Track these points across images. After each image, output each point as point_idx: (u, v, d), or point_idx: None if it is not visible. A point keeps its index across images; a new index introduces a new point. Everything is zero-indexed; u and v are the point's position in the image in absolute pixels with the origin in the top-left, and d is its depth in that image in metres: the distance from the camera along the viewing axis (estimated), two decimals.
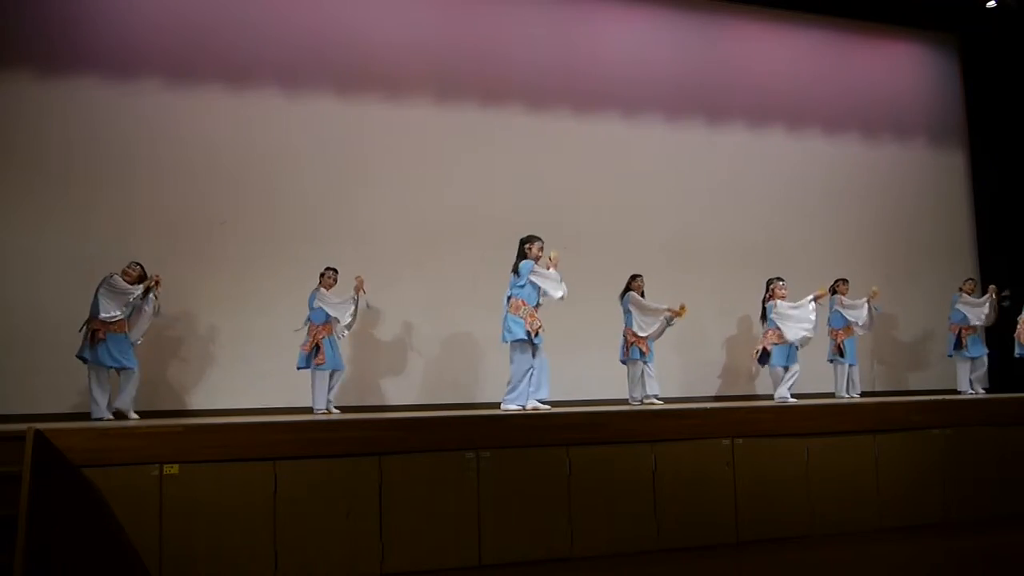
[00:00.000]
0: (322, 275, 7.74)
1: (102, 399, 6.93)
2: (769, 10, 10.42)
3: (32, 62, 7.84)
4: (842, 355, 8.86)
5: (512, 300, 6.86)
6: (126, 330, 7.07)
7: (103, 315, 6.89)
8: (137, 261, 7.21)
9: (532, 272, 6.82)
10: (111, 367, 6.97)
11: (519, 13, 9.46)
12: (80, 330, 6.96)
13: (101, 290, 6.95)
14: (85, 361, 6.95)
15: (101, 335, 6.89)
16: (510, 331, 6.80)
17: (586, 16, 9.70)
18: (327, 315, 7.65)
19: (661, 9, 10.09)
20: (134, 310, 7.12)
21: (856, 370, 8.95)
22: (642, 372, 8.17)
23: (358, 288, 7.76)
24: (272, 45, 8.54)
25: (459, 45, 9.16)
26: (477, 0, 9.38)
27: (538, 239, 6.98)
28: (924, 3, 10.64)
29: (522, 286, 6.84)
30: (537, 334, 6.79)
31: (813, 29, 10.71)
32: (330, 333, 7.67)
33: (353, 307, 7.77)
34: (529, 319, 6.76)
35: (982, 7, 10.39)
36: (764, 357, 8.24)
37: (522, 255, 6.94)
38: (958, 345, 9.35)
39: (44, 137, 7.80)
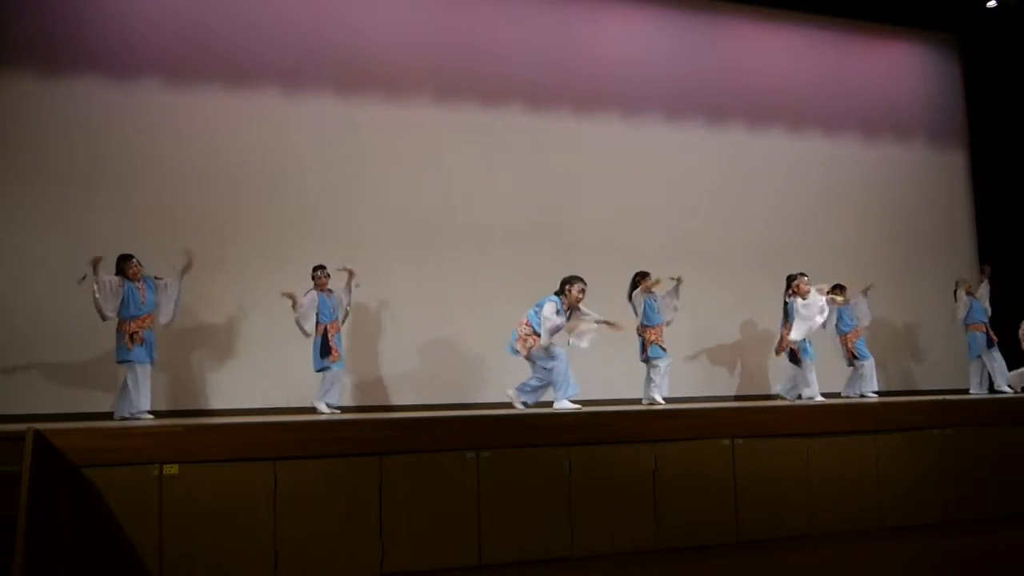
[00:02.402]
0: (314, 277, 7.71)
1: (137, 396, 6.92)
2: (769, 10, 10.43)
3: (32, 62, 7.85)
4: (856, 358, 8.83)
5: (524, 317, 6.95)
6: (152, 323, 7.07)
7: (106, 313, 6.89)
8: (130, 254, 7.09)
9: (543, 308, 6.83)
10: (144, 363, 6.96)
11: (519, 13, 9.46)
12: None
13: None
14: (128, 362, 6.94)
15: (139, 336, 6.89)
16: (508, 342, 6.98)
17: (586, 16, 9.70)
18: (333, 312, 7.66)
19: (661, 9, 10.10)
20: (154, 295, 7.07)
21: (871, 365, 8.85)
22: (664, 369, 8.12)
23: (350, 276, 7.81)
24: (272, 45, 8.54)
25: (459, 45, 9.16)
26: (477, 0, 9.38)
27: (579, 281, 6.95)
28: (924, 3, 10.65)
29: (535, 311, 6.93)
30: (529, 354, 6.86)
31: (813, 29, 10.71)
32: (338, 330, 7.68)
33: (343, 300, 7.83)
34: (523, 340, 6.85)
35: (982, 7, 10.41)
36: (792, 356, 8.11)
37: (561, 292, 6.96)
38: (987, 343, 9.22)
39: (44, 137, 7.80)
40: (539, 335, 6.82)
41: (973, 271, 10.58)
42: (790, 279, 8.16)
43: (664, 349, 8.05)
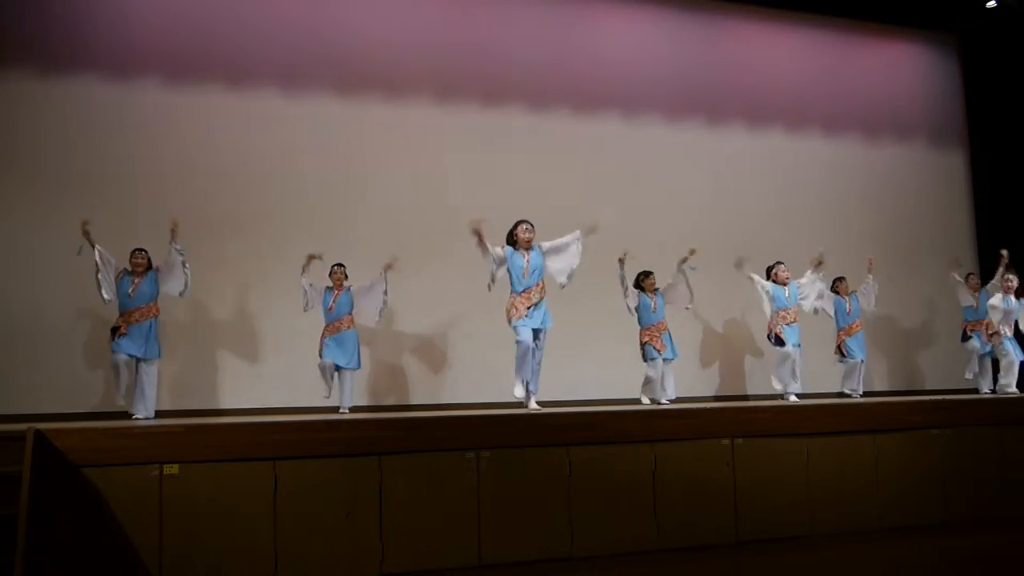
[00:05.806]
0: (331, 273, 7.72)
1: (116, 387, 6.87)
2: (769, 10, 10.42)
3: (32, 62, 7.84)
4: (842, 354, 8.86)
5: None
6: (151, 317, 6.96)
7: (105, 297, 6.86)
8: (140, 248, 7.08)
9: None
10: (130, 356, 6.84)
11: (519, 13, 9.46)
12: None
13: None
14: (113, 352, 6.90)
15: (124, 330, 6.85)
16: None
17: (586, 16, 9.70)
18: (332, 312, 7.64)
19: (661, 9, 10.09)
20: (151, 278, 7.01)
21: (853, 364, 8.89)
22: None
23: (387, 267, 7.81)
24: (272, 45, 8.53)
25: (459, 45, 9.16)
26: (477, 0, 9.38)
27: (520, 223, 7.21)
28: (924, 3, 10.64)
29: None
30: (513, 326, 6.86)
31: (813, 29, 10.71)
32: (335, 332, 7.62)
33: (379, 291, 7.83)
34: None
35: (982, 7, 10.39)
36: (778, 341, 8.18)
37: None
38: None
39: (44, 137, 7.79)
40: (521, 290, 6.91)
41: (973, 271, 10.57)
42: (769, 269, 8.43)
43: (658, 350, 8.02)
